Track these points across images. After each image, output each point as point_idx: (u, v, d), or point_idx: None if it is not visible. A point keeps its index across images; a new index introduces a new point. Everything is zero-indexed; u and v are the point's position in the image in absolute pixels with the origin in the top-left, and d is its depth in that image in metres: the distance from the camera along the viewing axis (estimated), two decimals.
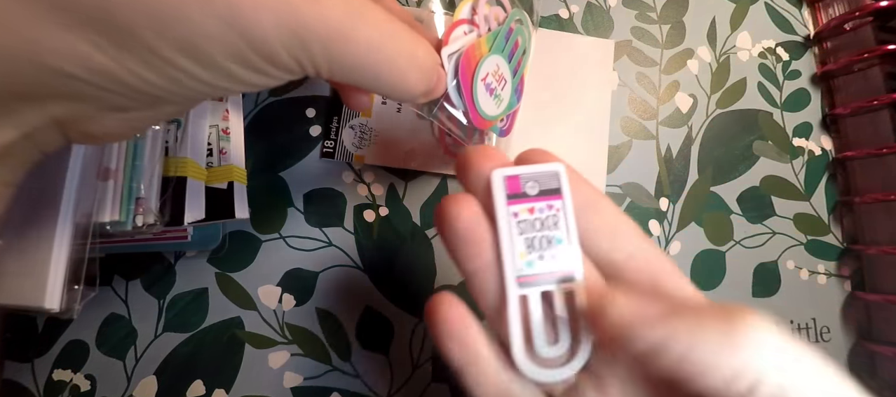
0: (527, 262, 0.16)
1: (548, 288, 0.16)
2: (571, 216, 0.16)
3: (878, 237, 0.32)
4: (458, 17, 0.21)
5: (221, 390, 0.27)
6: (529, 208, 0.16)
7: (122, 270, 0.28)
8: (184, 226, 0.25)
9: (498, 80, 0.22)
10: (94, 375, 0.27)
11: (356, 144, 0.30)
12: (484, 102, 0.21)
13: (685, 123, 0.33)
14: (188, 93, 0.14)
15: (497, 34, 0.22)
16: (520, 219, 0.16)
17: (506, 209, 0.16)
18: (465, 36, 0.21)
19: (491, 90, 0.22)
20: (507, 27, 0.22)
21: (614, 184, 0.32)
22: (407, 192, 0.30)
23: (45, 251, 0.20)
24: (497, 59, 0.22)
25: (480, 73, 0.21)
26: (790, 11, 0.36)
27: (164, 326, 0.28)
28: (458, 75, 0.20)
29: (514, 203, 0.16)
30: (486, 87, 0.21)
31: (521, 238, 0.16)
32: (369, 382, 0.28)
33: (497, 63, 0.22)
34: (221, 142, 0.27)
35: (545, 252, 0.16)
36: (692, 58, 0.34)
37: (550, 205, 0.16)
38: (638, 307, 0.14)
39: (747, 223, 0.33)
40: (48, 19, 0.11)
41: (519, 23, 0.23)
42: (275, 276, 0.29)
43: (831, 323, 0.32)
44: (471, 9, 0.21)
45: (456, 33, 0.20)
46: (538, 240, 0.16)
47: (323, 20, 0.13)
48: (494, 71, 0.22)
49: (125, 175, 0.22)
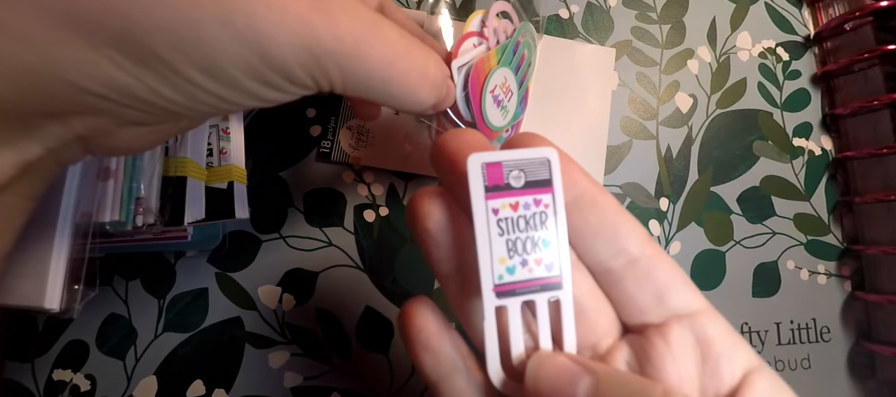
0: (507, 268, 0.14)
1: (530, 297, 0.14)
2: (562, 214, 0.14)
3: (878, 237, 0.32)
4: (468, 30, 0.21)
5: (221, 390, 0.27)
6: (513, 203, 0.14)
7: (122, 270, 0.28)
8: (184, 226, 0.24)
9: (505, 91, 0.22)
10: (94, 375, 0.27)
11: (353, 146, 0.30)
12: (491, 114, 0.22)
13: (685, 123, 0.33)
14: (204, 108, 0.14)
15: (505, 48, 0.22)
16: (501, 216, 0.13)
17: (484, 205, 0.13)
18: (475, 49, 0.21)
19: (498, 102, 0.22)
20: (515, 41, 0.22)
21: (614, 184, 0.32)
22: (407, 192, 0.30)
23: (45, 251, 0.20)
24: (505, 72, 0.22)
25: (489, 85, 0.21)
26: (790, 11, 0.36)
27: (164, 326, 0.28)
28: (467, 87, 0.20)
29: (495, 197, 0.13)
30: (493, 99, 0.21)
31: (501, 240, 0.13)
32: (369, 382, 0.28)
33: (505, 75, 0.22)
34: (221, 142, 0.27)
35: (529, 256, 0.14)
36: (692, 58, 0.34)
37: (538, 200, 0.14)
38: None
39: (747, 223, 0.33)
40: (71, 38, 0.11)
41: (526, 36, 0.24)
42: (275, 276, 0.29)
43: (831, 323, 0.32)
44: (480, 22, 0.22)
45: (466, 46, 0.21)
46: (521, 242, 0.14)
47: (338, 38, 0.14)
48: (502, 83, 0.22)
49: (125, 175, 0.22)
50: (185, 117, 0.15)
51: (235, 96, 0.14)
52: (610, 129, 0.32)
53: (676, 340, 0.14)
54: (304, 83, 0.14)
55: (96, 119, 0.13)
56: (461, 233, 0.15)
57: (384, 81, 0.15)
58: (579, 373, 0.13)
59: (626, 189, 0.32)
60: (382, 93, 0.16)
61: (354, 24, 0.14)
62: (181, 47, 0.12)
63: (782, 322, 0.32)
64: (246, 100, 0.14)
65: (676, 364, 0.14)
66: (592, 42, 0.33)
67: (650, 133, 0.33)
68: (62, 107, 0.13)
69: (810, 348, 0.32)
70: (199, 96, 0.13)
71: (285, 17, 0.13)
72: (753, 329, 0.31)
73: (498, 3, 0.22)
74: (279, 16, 0.13)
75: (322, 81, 0.14)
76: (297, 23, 0.13)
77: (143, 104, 0.13)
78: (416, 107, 0.17)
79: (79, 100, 0.12)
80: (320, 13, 0.13)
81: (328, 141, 0.30)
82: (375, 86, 0.15)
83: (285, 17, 0.13)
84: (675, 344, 0.14)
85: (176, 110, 0.14)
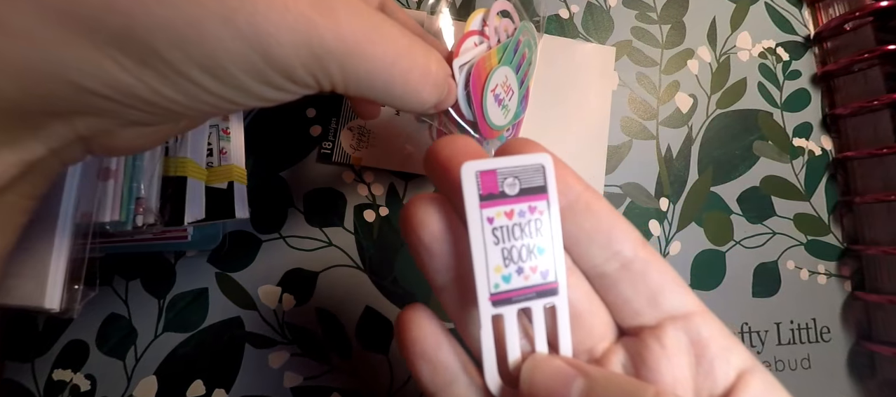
0: (503, 277, 0.14)
1: (526, 305, 0.14)
2: (557, 220, 0.14)
3: (878, 237, 0.32)
4: (469, 29, 0.21)
5: (221, 390, 0.27)
6: (507, 211, 0.14)
7: (122, 270, 0.28)
8: (184, 226, 0.24)
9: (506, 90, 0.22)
10: (94, 375, 0.27)
11: (354, 146, 0.30)
12: (493, 113, 0.22)
13: (685, 123, 0.33)
14: (205, 108, 0.14)
15: (506, 46, 0.22)
16: (495, 225, 0.13)
17: (478, 213, 0.13)
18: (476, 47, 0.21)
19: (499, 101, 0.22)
20: (516, 40, 0.22)
21: (614, 184, 0.32)
22: (407, 192, 0.30)
23: (45, 251, 0.20)
24: (506, 71, 0.22)
25: (490, 84, 0.21)
26: (790, 11, 0.36)
27: (164, 326, 0.28)
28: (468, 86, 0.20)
29: (489, 205, 0.13)
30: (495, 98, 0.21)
31: (496, 249, 0.13)
32: (369, 382, 0.28)
33: (506, 74, 0.22)
34: (221, 142, 0.27)
35: (525, 264, 0.14)
36: (692, 58, 0.34)
37: (533, 207, 0.14)
38: None
39: (747, 223, 0.33)
40: (72, 37, 0.11)
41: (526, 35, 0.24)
42: (275, 276, 0.29)
43: (831, 323, 0.32)
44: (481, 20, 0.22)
45: (467, 45, 0.21)
46: (517, 250, 0.14)
47: (340, 38, 0.14)
48: (503, 82, 0.22)
49: (125, 175, 0.22)
50: (185, 117, 0.15)
51: (237, 96, 0.14)
52: (610, 129, 0.32)
53: (671, 342, 0.14)
54: (305, 82, 0.14)
55: (99, 119, 0.13)
56: (457, 241, 0.14)
57: (386, 81, 0.15)
58: (573, 375, 0.13)
59: (626, 189, 0.32)
60: (384, 92, 0.16)
61: (356, 23, 0.14)
62: (183, 46, 0.12)
63: (782, 322, 0.32)
64: (247, 100, 0.14)
65: (671, 365, 0.14)
66: (593, 43, 0.33)
67: (650, 133, 0.33)
68: (65, 107, 0.13)
69: (810, 348, 0.32)
70: (200, 96, 0.13)
71: (287, 16, 0.13)
72: (753, 329, 0.31)
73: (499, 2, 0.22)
74: (281, 15, 0.12)
75: (323, 81, 0.14)
76: (298, 22, 0.13)
77: (145, 104, 0.13)
78: (418, 106, 0.17)
79: (81, 99, 0.12)
80: (322, 12, 0.13)
81: (329, 142, 0.30)
82: (377, 85, 0.15)
83: (287, 16, 0.13)
84: (670, 345, 0.14)
85: (177, 110, 0.13)
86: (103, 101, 0.12)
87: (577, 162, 0.31)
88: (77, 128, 0.13)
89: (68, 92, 0.12)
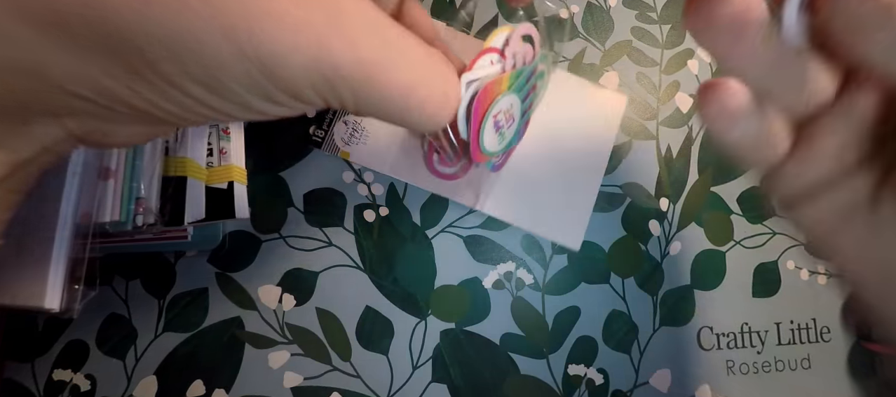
0: None
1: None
2: None
3: None
4: (489, 45, 0.20)
5: (221, 390, 0.27)
6: None
7: (122, 270, 0.28)
8: (184, 226, 0.25)
9: (507, 118, 0.22)
10: (94, 375, 0.27)
11: (345, 140, 0.30)
12: (488, 138, 0.21)
13: (685, 123, 0.33)
14: (201, 119, 0.13)
15: (520, 74, 0.21)
16: None
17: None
18: (491, 66, 0.20)
19: (498, 127, 0.21)
20: (531, 69, 0.22)
21: (614, 184, 0.32)
22: (407, 192, 0.30)
23: (45, 251, 0.20)
24: (512, 99, 0.21)
25: (494, 109, 0.20)
26: None
27: (164, 326, 0.28)
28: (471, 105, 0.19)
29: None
30: (494, 124, 0.21)
31: None
32: (369, 382, 0.28)
33: (511, 102, 0.21)
34: (221, 142, 0.27)
35: None
36: (692, 58, 0.34)
37: None
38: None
39: (747, 223, 0.33)
40: (52, 42, 0.11)
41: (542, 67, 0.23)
42: (275, 276, 0.29)
43: (831, 323, 0.32)
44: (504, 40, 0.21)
45: (482, 61, 0.20)
46: None
47: (357, 63, 0.12)
48: (507, 109, 0.21)
49: (125, 175, 0.22)
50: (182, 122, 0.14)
51: (236, 110, 0.13)
52: None
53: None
54: (312, 102, 0.13)
55: (91, 119, 0.13)
56: None
57: (402, 109, 0.14)
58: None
59: (626, 189, 0.32)
60: (398, 118, 0.15)
61: (375, 44, 0.13)
62: (177, 59, 0.11)
63: (782, 322, 0.32)
64: (247, 115, 0.13)
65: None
66: (593, 43, 0.33)
67: (650, 133, 0.33)
68: (54, 109, 0.12)
69: (810, 348, 0.32)
70: (196, 108, 0.12)
71: (297, 38, 0.11)
72: (753, 329, 0.31)
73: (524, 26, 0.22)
74: (291, 36, 0.11)
75: (332, 101, 0.13)
76: (310, 45, 0.12)
77: (137, 111, 0.12)
78: (429, 130, 0.16)
79: (69, 103, 0.12)
80: (338, 33, 0.12)
81: (321, 130, 0.30)
82: (392, 111, 0.14)
83: (297, 38, 0.11)
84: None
85: (171, 120, 0.13)
86: (92, 106, 0.12)
87: (578, 166, 0.31)
88: (69, 127, 0.13)
89: (55, 95, 0.11)
